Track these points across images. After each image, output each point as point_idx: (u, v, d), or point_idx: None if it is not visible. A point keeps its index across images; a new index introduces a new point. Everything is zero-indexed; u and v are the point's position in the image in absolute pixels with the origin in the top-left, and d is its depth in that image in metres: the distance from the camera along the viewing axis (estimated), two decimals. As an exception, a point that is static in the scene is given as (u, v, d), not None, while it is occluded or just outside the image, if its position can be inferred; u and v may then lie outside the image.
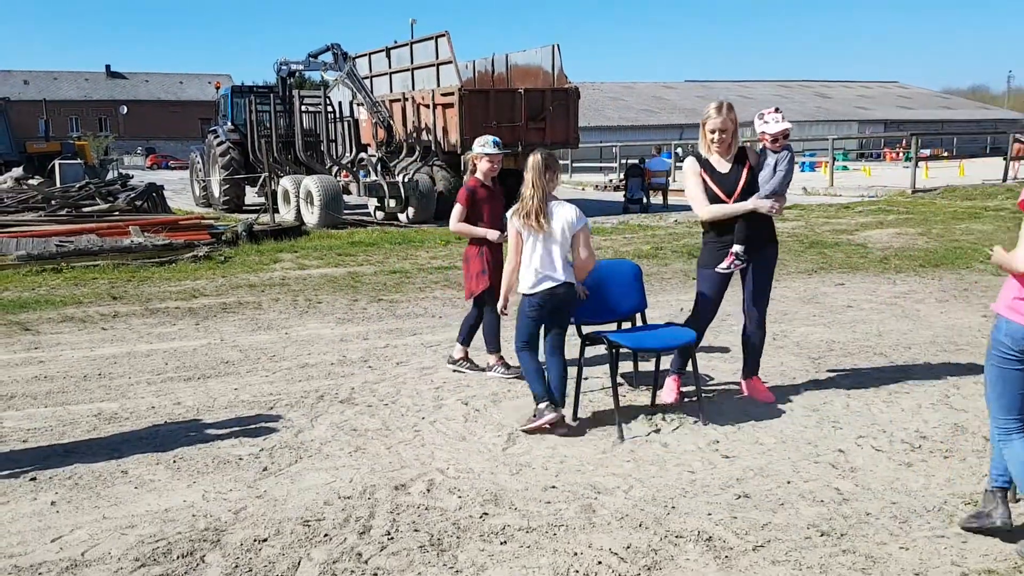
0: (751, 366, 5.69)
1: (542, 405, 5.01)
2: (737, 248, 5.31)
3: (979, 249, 11.98)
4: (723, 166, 5.31)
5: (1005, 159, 25.35)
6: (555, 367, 5.18)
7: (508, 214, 5.25)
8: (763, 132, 5.41)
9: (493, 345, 6.35)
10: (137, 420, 5.44)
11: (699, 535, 3.71)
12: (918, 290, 9.34)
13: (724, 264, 5.35)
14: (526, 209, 5.08)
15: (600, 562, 3.49)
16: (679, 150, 29.85)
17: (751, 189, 5.28)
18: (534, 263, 5.11)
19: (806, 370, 6.31)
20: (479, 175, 6.25)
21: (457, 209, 6.18)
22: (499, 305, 5.51)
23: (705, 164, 5.33)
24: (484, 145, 6.20)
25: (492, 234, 6.16)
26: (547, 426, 4.98)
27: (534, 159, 5.10)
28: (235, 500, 4.18)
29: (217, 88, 24.84)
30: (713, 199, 5.28)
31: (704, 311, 5.52)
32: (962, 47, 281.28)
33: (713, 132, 5.23)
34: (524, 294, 5.17)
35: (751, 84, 70.06)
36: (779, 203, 5.33)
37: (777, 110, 5.53)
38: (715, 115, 5.21)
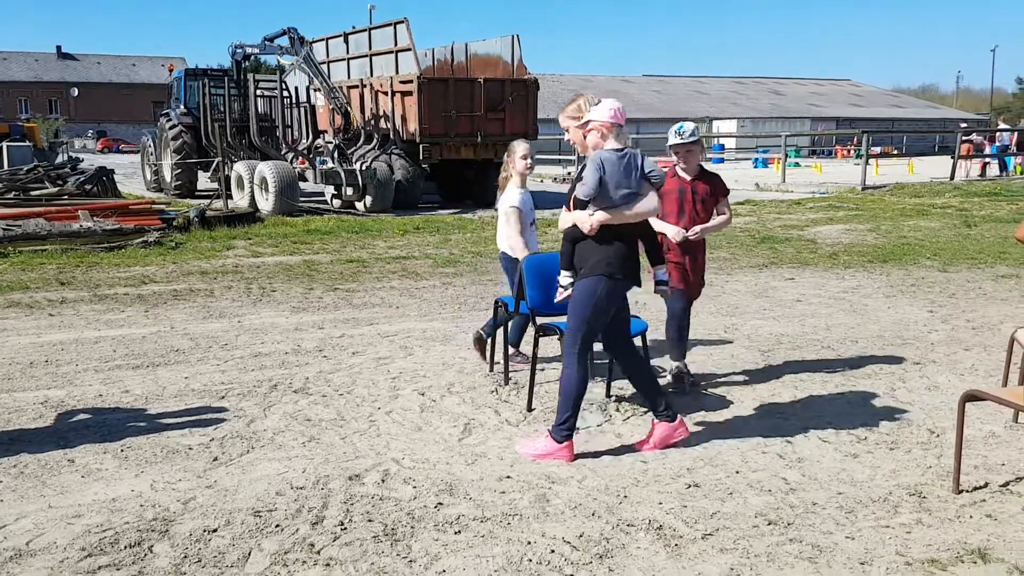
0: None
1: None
2: (560, 276, 4.60)
3: (926, 245, 12.26)
4: None
5: (953, 157, 25.92)
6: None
7: None
8: None
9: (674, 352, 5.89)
10: (84, 408, 5.35)
11: (650, 524, 3.76)
12: (866, 285, 9.53)
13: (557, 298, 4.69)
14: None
15: (553, 551, 3.52)
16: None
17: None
18: None
19: (756, 362, 6.41)
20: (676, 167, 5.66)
21: None
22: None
23: None
24: (670, 135, 5.63)
25: (671, 230, 5.49)
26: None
27: (520, 145, 5.89)
28: (184, 490, 4.13)
29: (170, 71, 24.42)
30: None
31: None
32: (913, 47, 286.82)
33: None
34: None
35: (707, 80, 70.62)
36: (591, 221, 4.34)
37: (609, 102, 4.42)
38: None
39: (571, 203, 4.47)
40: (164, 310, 8.26)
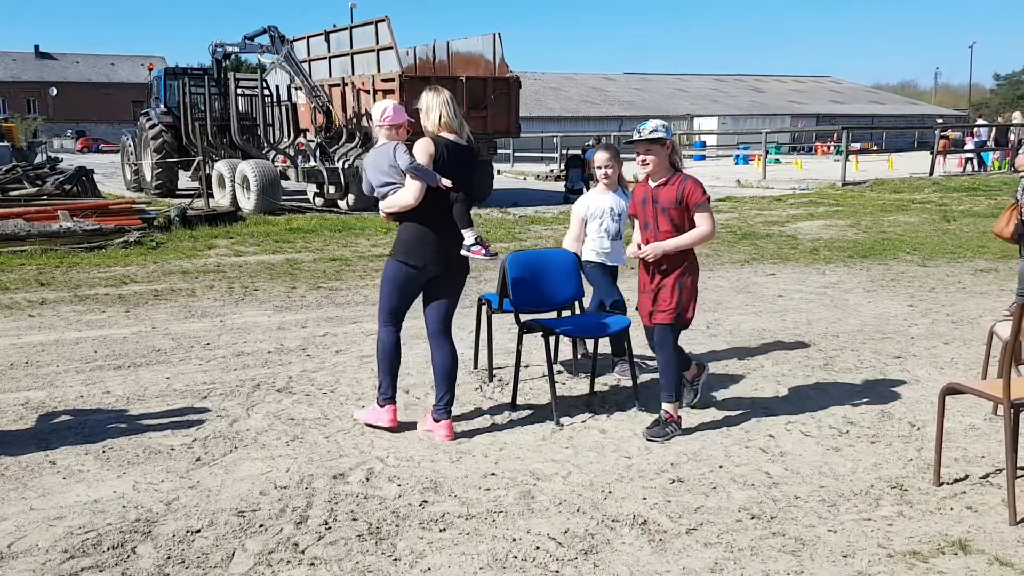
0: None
1: None
2: None
3: (906, 240, 12.36)
4: None
5: (932, 153, 26.12)
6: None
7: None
8: None
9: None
10: (65, 409, 5.31)
11: (634, 519, 3.78)
12: (846, 280, 9.59)
13: None
14: None
15: (538, 547, 3.53)
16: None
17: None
18: None
19: (738, 357, 6.44)
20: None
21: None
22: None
23: None
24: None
25: (630, 247, 4.91)
26: None
27: (598, 154, 5.89)
28: (167, 491, 4.11)
29: (150, 70, 24.21)
30: None
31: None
32: (892, 44, 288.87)
33: None
34: None
35: (687, 78, 70.88)
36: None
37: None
38: None
39: None
40: (145, 310, 8.20)
